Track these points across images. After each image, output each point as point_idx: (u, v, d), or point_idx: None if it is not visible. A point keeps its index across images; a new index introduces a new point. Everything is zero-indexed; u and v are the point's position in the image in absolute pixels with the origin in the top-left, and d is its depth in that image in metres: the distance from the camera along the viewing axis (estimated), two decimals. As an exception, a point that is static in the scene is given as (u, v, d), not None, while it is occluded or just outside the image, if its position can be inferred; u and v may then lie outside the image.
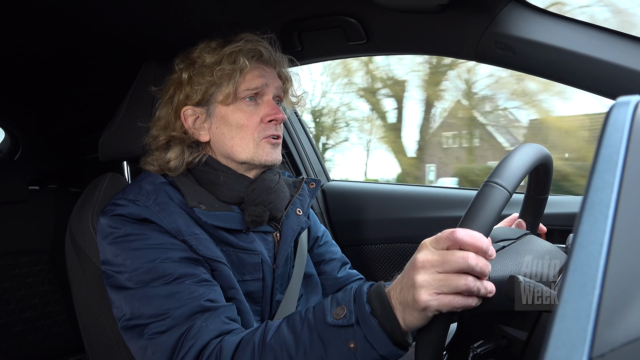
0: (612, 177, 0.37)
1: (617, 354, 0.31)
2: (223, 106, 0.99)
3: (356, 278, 1.25)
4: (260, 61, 1.01)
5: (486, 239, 0.60)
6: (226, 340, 0.78)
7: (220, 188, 0.99)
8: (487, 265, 0.60)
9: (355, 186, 1.90)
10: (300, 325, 0.73)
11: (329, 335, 0.69)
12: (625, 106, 0.40)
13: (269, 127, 1.00)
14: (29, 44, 1.31)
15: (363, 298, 0.69)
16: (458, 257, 0.59)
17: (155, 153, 1.02)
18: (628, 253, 0.35)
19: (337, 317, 0.69)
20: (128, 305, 0.85)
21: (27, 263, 1.75)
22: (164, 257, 0.86)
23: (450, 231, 0.60)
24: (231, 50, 0.97)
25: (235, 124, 0.98)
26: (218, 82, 0.97)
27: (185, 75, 0.99)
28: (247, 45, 0.98)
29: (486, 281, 0.61)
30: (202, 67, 0.98)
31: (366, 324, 0.67)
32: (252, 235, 1.00)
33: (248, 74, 0.98)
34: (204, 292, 0.84)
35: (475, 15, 1.06)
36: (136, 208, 0.90)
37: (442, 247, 0.61)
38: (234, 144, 0.99)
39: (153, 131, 1.02)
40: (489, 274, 0.62)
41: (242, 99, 0.98)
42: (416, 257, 0.63)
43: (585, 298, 0.33)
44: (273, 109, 1.00)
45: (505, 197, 0.62)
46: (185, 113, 1.00)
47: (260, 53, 1.00)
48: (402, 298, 0.64)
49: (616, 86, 0.95)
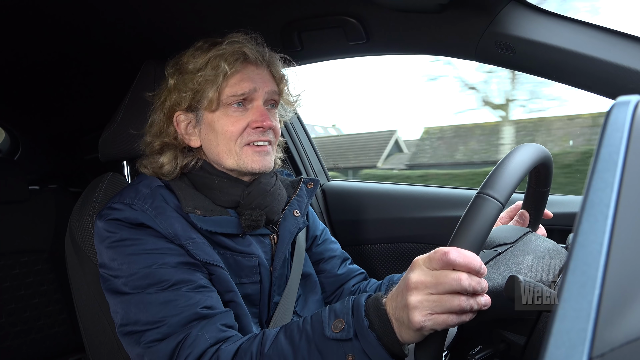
0: (612, 177, 0.37)
1: (617, 353, 0.31)
2: (209, 112, 0.97)
3: (357, 273, 1.24)
4: (246, 63, 0.97)
5: (478, 259, 0.61)
6: (223, 349, 0.78)
7: (215, 192, 0.98)
8: (480, 282, 0.61)
9: (355, 186, 1.90)
10: (299, 336, 0.73)
11: (327, 348, 0.70)
12: (625, 106, 0.40)
13: (254, 133, 0.96)
14: (29, 44, 1.31)
15: (361, 311, 0.69)
16: (451, 280, 0.59)
17: (150, 157, 1.01)
18: (628, 253, 0.35)
19: (336, 331, 0.69)
20: (124, 310, 0.85)
21: (27, 263, 1.75)
22: (161, 262, 0.85)
23: (442, 252, 0.60)
24: (215, 54, 0.94)
25: (220, 130, 0.96)
26: (201, 89, 0.94)
27: (172, 81, 0.98)
28: (230, 47, 0.95)
29: (479, 297, 0.62)
30: (186, 73, 0.96)
31: (364, 337, 0.67)
32: (249, 238, 0.99)
33: (231, 79, 0.95)
34: (200, 299, 0.84)
35: (475, 15, 1.06)
36: (132, 212, 0.89)
37: (435, 267, 0.61)
38: (220, 151, 0.97)
39: (147, 137, 1.02)
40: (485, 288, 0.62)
41: (228, 105, 0.96)
42: (409, 277, 0.63)
43: (585, 298, 0.33)
44: (261, 115, 0.96)
45: (497, 209, 0.62)
46: (178, 118, 0.99)
47: (245, 55, 0.96)
48: (398, 316, 0.65)
49: (616, 86, 0.95)
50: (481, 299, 0.62)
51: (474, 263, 0.60)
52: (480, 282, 0.61)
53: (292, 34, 1.31)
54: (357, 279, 1.23)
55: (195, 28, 1.29)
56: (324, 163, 2.03)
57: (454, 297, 0.60)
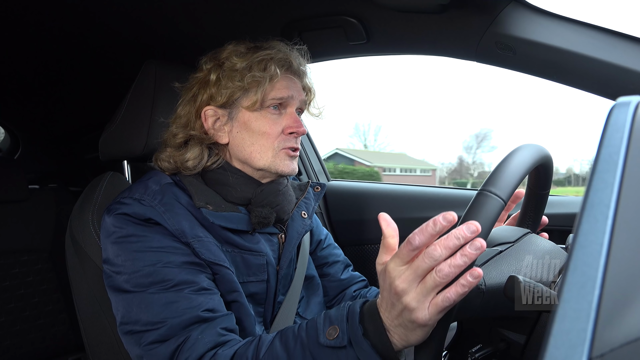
0: (612, 177, 0.37)
1: (616, 354, 0.31)
2: (248, 112, 0.98)
3: (359, 280, 1.26)
4: (289, 71, 1.00)
5: (432, 220, 0.58)
6: (219, 354, 0.78)
7: (228, 189, 0.99)
8: (448, 240, 0.57)
9: (355, 186, 1.90)
10: (294, 342, 0.73)
11: (321, 355, 0.69)
12: (625, 107, 0.40)
13: (289, 139, 0.99)
14: (29, 44, 1.31)
15: (356, 318, 0.68)
16: (424, 259, 0.58)
17: (170, 150, 1.00)
18: (628, 253, 0.35)
19: (330, 338, 0.69)
20: (125, 309, 0.85)
21: (27, 262, 1.75)
22: (166, 261, 0.85)
23: (405, 243, 0.59)
24: (262, 57, 0.96)
25: (257, 130, 0.98)
26: (246, 88, 0.96)
27: (214, 76, 0.98)
28: (278, 54, 0.98)
29: (467, 248, 0.57)
30: (232, 70, 0.97)
31: (359, 345, 0.66)
32: (257, 236, 1.00)
33: (277, 83, 0.97)
34: (202, 302, 0.84)
35: (476, 15, 1.06)
36: (141, 207, 0.89)
37: (407, 260, 0.60)
38: (253, 151, 0.98)
39: (172, 128, 1.01)
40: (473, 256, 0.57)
41: (267, 107, 0.98)
42: (393, 284, 0.61)
43: (585, 298, 0.33)
44: (295, 122, 0.99)
45: (499, 206, 0.61)
46: (206, 113, 0.99)
47: (290, 63, 1.00)
48: (400, 323, 0.63)
49: (616, 86, 0.95)
50: (470, 249, 0.56)
51: (428, 228, 0.57)
52: (447, 239, 0.57)
53: (293, 33, 1.31)
54: (359, 285, 1.25)
55: (195, 28, 1.30)
56: (323, 163, 2.03)
57: (441, 269, 0.57)
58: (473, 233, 0.57)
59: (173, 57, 1.08)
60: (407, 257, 0.60)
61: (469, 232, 0.57)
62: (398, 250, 0.61)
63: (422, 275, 0.59)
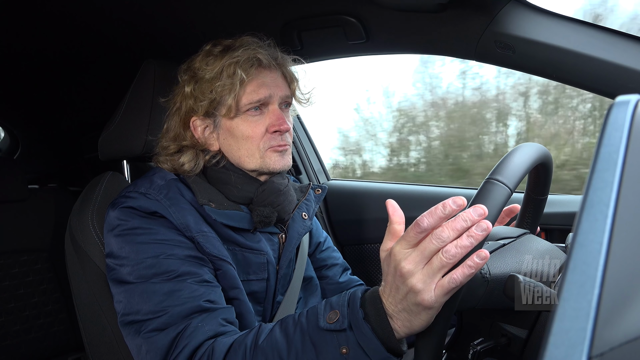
0: (611, 177, 0.37)
1: (616, 353, 0.31)
2: (227, 119, 0.98)
3: (357, 283, 1.26)
4: (260, 68, 0.98)
5: (441, 204, 0.58)
6: (219, 341, 0.78)
7: (230, 188, 1.00)
8: (455, 222, 0.57)
9: (355, 185, 1.90)
10: (293, 328, 0.72)
11: (321, 339, 0.68)
12: (624, 105, 0.40)
13: (274, 137, 0.99)
14: (29, 43, 1.31)
15: (357, 303, 0.67)
16: (431, 241, 0.58)
17: (169, 156, 1.02)
18: (627, 252, 0.34)
19: (330, 322, 0.68)
20: (127, 299, 0.85)
21: (27, 262, 1.75)
22: (169, 253, 0.86)
23: (412, 225, 0.60)
24: (229, 62, 0.95)
25: (240, 135, 0.98)
26: (219, 97, 0.96)
27: (188, 89, 0.98)
28: (244, 54, 0.96)
29: (474, 231, 0.57)
30: (203, 81, 0.97)
31: (359, 329, 0.65)
32: (258, 235, 1.00)
33: (248, 86, 0.96)
34: (204, 293, 0.84)
35: (475, 14, 1.06)
36: (147, 201, 0.90)
37: (413, 243, 0.60)
38: (241, 155, 0.99)
39: (163, 142, 1.02)
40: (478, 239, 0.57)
41: (245, 112, 0.97)
42: (398, 266, 0.61)
43: (584, 297, 0.33)
44: (278, 119, 0.98)
45: (506, 194, 0.62)
46: (194, 123, 1.00)
47: (259, 60, 0.97)
48: (405, 306, 0.62)
49: (616, 86, 0.95)
50: (476, 230, 0.56)
51: (438, 211, 0.57)
52: (455, 221, 0.57)
53: (292, 33, 1.31)
54: (357, 288, 1.24)
55: (195, 28, 1.30)
56: (323, 162, 2.03)
57: (448, 250, 0.57)
58: (480, 216, 0.57)
59: (172, 56, 1.08)
60: (414, 240, 0.60)
61: (476, 214, 0.57)
62: (404, 233, 0.61)
63: (429, 257, 0.59)
